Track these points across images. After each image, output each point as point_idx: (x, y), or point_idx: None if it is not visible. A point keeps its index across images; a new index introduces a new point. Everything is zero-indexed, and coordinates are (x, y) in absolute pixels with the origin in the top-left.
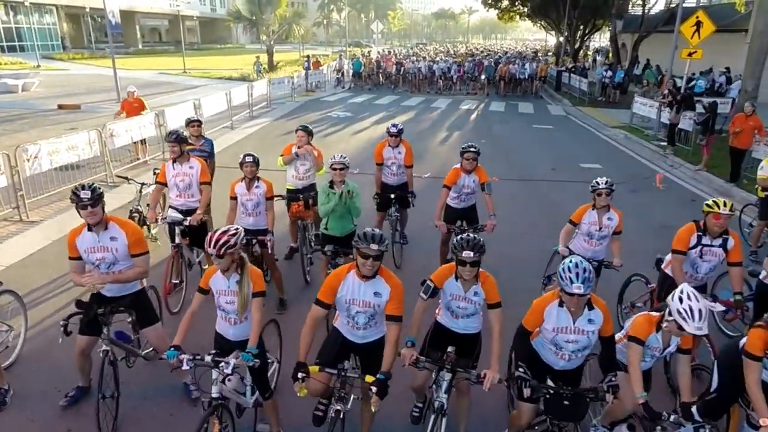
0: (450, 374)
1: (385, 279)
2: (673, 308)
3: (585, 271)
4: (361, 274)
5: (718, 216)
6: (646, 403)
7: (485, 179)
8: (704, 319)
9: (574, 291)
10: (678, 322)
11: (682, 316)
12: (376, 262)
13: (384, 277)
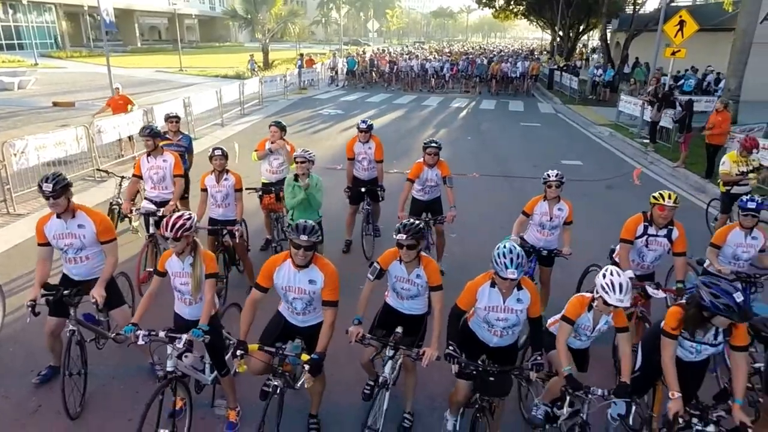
0: (393, 351)
1: (320, 267)
2: (597, 284)
3: (518, 257)
4: (295, 263)
5: (663, 208)
6: (570, 375)
7: (447, 173)
8: (625, 292)
9: (508, 276)
10: (602, 296)
11: (605, 290)
12: (308, 252)
13: (318, 266)
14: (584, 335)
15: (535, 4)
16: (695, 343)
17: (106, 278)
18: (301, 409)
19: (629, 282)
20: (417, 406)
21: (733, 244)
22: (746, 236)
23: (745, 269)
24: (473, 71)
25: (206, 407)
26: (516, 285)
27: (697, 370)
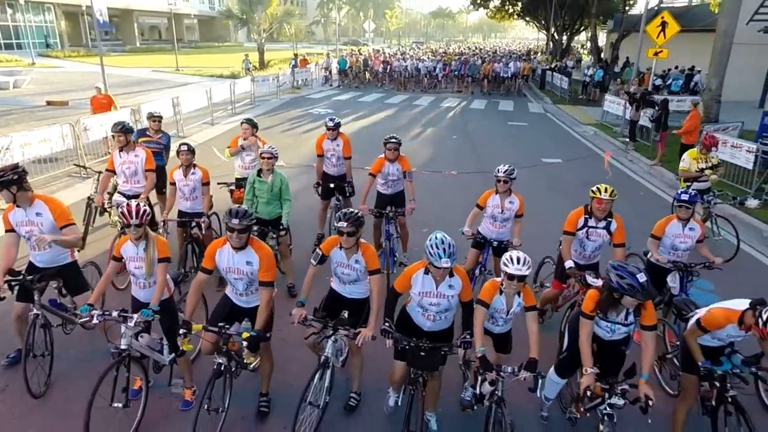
0: (332, 331)
1: (255, 249)
2: (501, 264)
3: (450, 246)
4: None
5: (600, 201)
6: (483, 356)
7: (407, 167)
8: (523, 263)
9: (442, 265)
10: (503, 270)
11: (505, 264)
12: (242, 235)
13: (254, 248)
14: (500, 319)
15: (530, 5)
16: (610, 323)
17: (63, 239)
18: (257, 388)
19: (528, 258)
20: (365, 387)
21: (671, 235)
22: (683, 227)
23: (684, 259)
24: (466, 71)
25: (164, 386)
26: (448, 272)
27: (615, 348)
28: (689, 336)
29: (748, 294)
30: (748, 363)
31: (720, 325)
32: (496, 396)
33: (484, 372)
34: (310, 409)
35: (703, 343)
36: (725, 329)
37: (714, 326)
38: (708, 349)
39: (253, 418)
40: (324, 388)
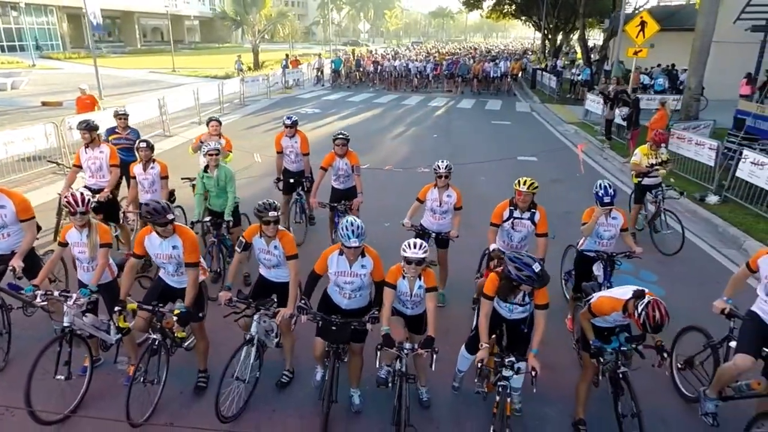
0: (253, 311)
1: (179, 234)
2: (401, 249)
3: (358, 228)
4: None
5: (520, 193)
6: (386, 334)
7: (355, 162)
8: (420, 248)
9: (351, 245)
10: (402, 255)
11: (404, 250)
12: (165, 227)
13: (178, 233)
14: (407, 301)
15: (523, 5)
16: (508, 304)
17: (24, 250)
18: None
19: (425, 243)
20: (298, 366)
21: (597, 224)
22: (607, 217)
23: (609, 248)
24: (456, 71)
25: (111, 363)
26: (360, 253)
27: (516, 326)
28: (582, 318)
29: (694, 284)
30: (630, 341)
31: (606, 312)
32: (399, 371)
33: (383, 347)
34: (237, 384)
35: (596, 323)
36: (611, 315)
37: (601, 313)
38: (601, 329)
39: (191, 392)
40: (250, 364)
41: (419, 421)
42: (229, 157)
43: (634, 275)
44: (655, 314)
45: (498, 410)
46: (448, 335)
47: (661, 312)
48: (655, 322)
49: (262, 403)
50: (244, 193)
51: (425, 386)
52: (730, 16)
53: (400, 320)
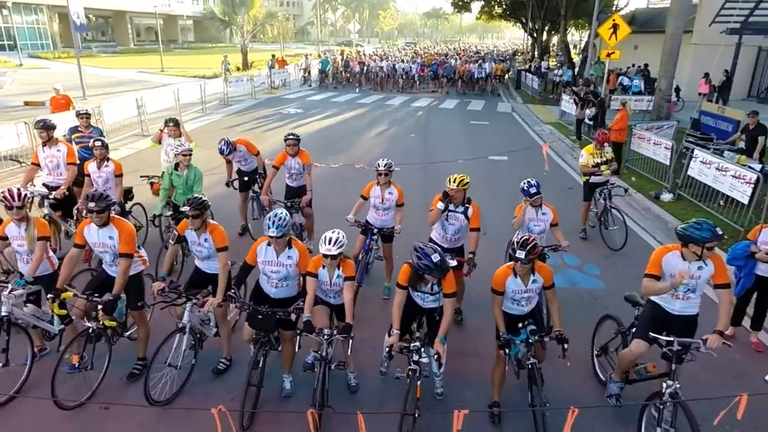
0: (183, 300)
1: (115, 225)
2: (319, 244)
3: (280, 219)
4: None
5: (451, 189)
6: (307, 321)
7: (306, 161)
8: (334, 243)
9: (270, 234)
10: (320, 250)
11: (320, 243)
12: (101, 215)
13: (114, 224)
14: (328, 291)
15: (511, 7)
16: (420, 293)
17: None
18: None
19: (340, 238)
20: (238, 354)
21: (527, 219)
22: (537, 212)
23: (540, 241)
24: (441, 72)
25: (55, 352)
26: (287, 244)
27: (430, 314)
28: (493, 306)
29: (633, 277)
30: (534, 332)
31: (502, 281)
32: (321, 356)
33: (302, 333)
34: (169, 370)
35: (507, 311)
36: (508, 284)
37: (499, 284)
38: (513, 317)
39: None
40: (182, 352)
41: (346, 404)
42: (192, 142)
43: (579, 269)
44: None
45: (409, 393)
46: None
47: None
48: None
49: (197, 388)
50: (213, 191)
51: (354, 372)
52: (707, 18)
53: (325, 309)
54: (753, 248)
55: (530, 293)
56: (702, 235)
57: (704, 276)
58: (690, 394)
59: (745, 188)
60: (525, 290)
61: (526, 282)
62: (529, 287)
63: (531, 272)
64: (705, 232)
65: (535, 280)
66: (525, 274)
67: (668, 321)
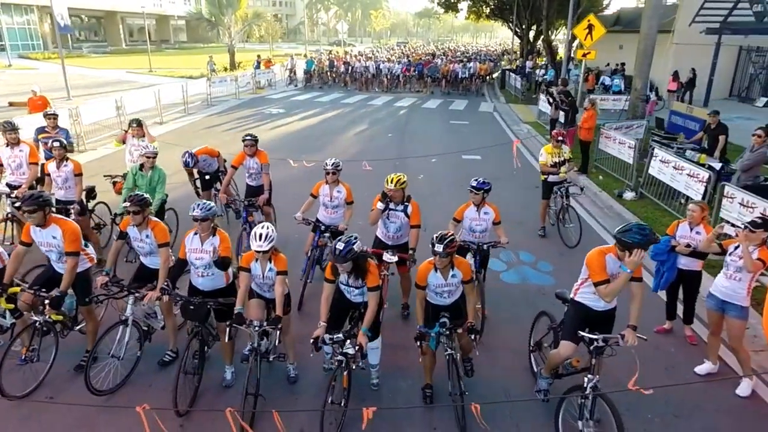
0: (125, 294)
1: (58, 225)
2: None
3: (203, 209)
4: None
5: (389, 189)
6: (239, 313)
7: (264, 161)
8: (264, 239)
9: (194, 214)
10: (251, 245)
11: (252, 240)
12: (33, 215)
13: (57, 224)
14: (262, 284)
15: (497, 8)
16: (345, 286)
17: None
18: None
19: (270, 233)
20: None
21: (468, 218)
22: (478, 211)
23: (483, 239)
24: (426, 71)
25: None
26: (212, 232)
27: (355, 306)
28: (417, 298)
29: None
30: (443, 325)
31: (424, 276)
32: (253, 347)
33: (232, 324)
34: (112, 361)
35: (433, 302)
36: (430, 278)
37: (422, 278)
38: (438, 308)
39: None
40: (125, 344)
41: (283, 395)
42: (154, 142)
43: (533, 266)
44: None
45: (336, 382)
46: None
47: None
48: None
49: (141, 379)
50: (181, 192)
51: (293, 363)
52: (688, 19)
53: (260, 302)
54: (673, 242)
55: (450, 287)
56: (633, 240)
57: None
58: (623, 386)
59: (698, 186)
60: (445, 284)
61: (446, 276)
62: (449, 281)
63: (451, 267)
64: (636, 237)
65: (454, 274)
66: (445, 269)
67: (592, 318)
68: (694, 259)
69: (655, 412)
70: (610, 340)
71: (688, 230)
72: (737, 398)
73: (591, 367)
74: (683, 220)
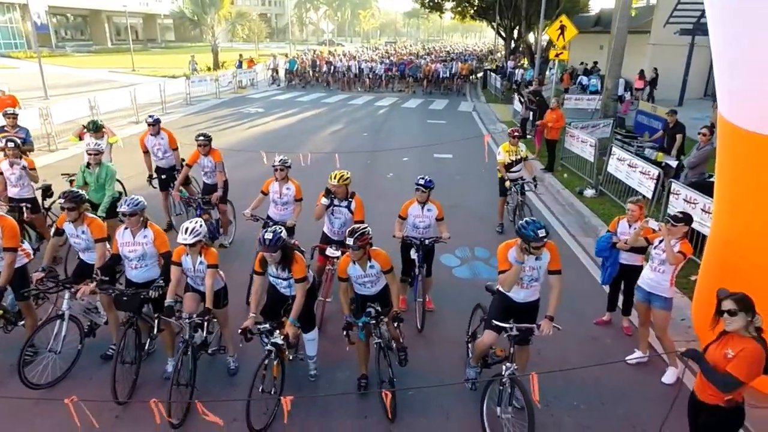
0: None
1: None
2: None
3: (134, 199)
4: None
5: (333, 185)
6: (169, 306)
7: (218, 159)
8: (189, 232)
9: (122, 210)
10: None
11: (180, 233)
12: None
13: None
14: (195, 278)
15: (481, 8)
16: (274, 278)
17: None
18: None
19: (197, 227)
20: None
21: (412, 215)
22: (422, 209)
23: (427, 235)
24: (408, 71)
25: None
26: (143, 225)
27: (285, 298)
28: (340, 290)
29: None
30: (368, 315)
31: (344, 269)
32: (184, 339)
33: (160, 316)
34: (49, 355)
35: (359, 293)
36: (350, 271)
37: (342, 271)
38: (365, 298)
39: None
40: (62, 338)
41: (223, 386)
42: (114, 138)
43: (486, 261)
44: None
45: (267, 371)
46: None
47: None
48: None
49: (83, 373)
50: (147, 191)
51: (233, 356)
52: (664, 20)
53: (195, 296)
54: (614, 239)
55: (370, 277)
56: (527, 234)
57: (543, 265)
58: (557, 375)
59: (649, 183)
60: (364, 275)
61: (364, 268)
62: (368, 272)
63: (368, 259)
64: (529, 233)
65: (372, 265)
66: (362, 261)
67: (514, 309)
68: (634, 254)
69: (582, 400)
70: (527, 329)
71: (627, 227)
72: (663, 386)
73: (509, 355)
74: (623, 216)
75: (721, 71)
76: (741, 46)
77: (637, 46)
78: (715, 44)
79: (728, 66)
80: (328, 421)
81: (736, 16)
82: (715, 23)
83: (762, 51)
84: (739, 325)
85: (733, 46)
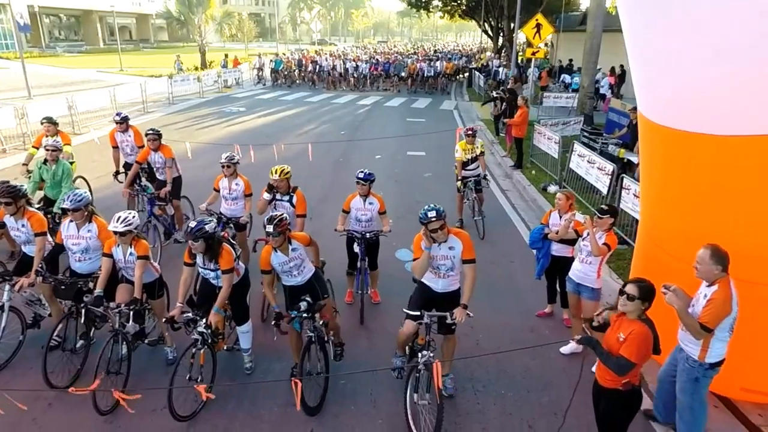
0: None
1: None
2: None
3: (77, 195)
4: None
5: (274, 180)
6: (98, 296)
7: (169, 155)
8: (120, 222)
9: (65, 206)
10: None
11: (112, 221)
12: None
13: None
14: (126, 267)
15: (468, 8)
16: (202, 269)
17: None
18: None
19: (129, 218)
20: None
21: (354, 209)
22: (364, 202)
23: (369, 228)
24: (392, 70)
25: None
26: (87, 219)
27: (215, 289)
28: (264, 283)
29: (489, 264)
30: (297, 309)
31: (267, 260)
32: (113, 327)
33: (87, 305)
34: None
35: (288, 284)
36: (273, 260)
37: (264, 263)
38: (295, 290)
39: None
40: (0, 329)
41: (159, 375)
42: (68, 149)
43: None
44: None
45: (194, 359)
46: None
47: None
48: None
49: (23, 363)
50: (114, 189)
51: (171, 346)
52: None
53: (127, 287)
54: (546, 230)
55: (295, 260)
56: (420, 217)
57: (457, 254)
58: (488, 366)
59: (605, 179)
60: (288, 259)
61: (287, 252)
62: (291, 255)
63: (288, 242)
64: (421, 215)
65: (294, 248)
66: (283, 247)
67: (434, 298)
68: (565, 245)
69: (509, 389)
70: (440, 318)
71: (558, 218)
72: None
73: (426, 343)
74: (554, 208)
75: (632, 62)
76: (646, 37)
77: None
78: (627, 37)
79: (638, 57)
80: (256, 409)
81: (644, 7)
82: (625, 16)
83: (659, 42)
84: (630, 310)
85: (640, 38)
